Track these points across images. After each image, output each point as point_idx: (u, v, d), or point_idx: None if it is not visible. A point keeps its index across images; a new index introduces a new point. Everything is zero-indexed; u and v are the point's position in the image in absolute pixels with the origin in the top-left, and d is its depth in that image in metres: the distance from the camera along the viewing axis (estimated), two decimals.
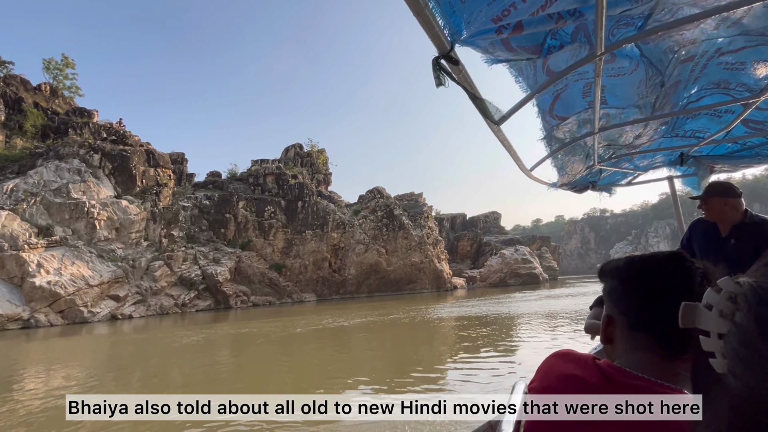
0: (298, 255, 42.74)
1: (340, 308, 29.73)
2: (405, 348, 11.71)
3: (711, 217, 2.57)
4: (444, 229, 73.98)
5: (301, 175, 47.65)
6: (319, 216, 43.77)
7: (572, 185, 3.58)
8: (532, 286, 48.50)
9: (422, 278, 46.58)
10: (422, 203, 51.23)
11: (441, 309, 23.38)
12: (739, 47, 1.72)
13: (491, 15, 1.18)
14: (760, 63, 1.81)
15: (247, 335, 16.33)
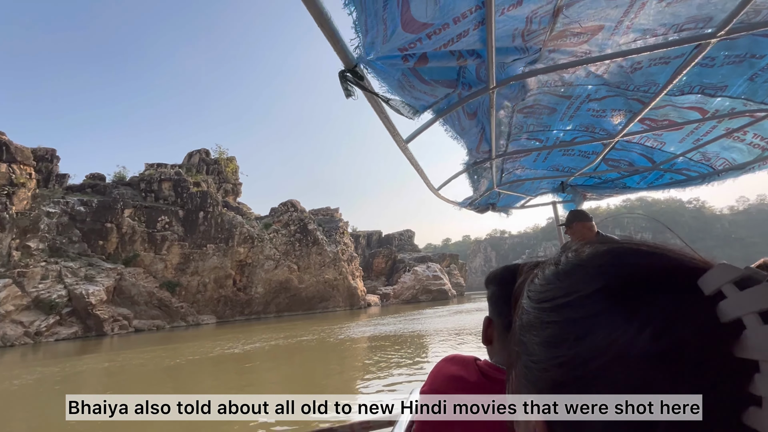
0: (196, 272, 38.13)
1: (244, 330, 26.83)
2: (312, 374, 10.42)
3: (576, 239, 3.10)
4: (360, 245, 73.71)
5: (205, 183, 43.26)
6: (224, 229, 39.89)
7: (475, 206, 3.95)
8: (442, 301, 50.32)
9: (336, 296, 45.12)
10: (338, 218, 50.24)
11: (354, 328, 22.38)
12: (602, 96, 2.14)
13: (398, 45, 1.24)
14: (615, 111, 2.28)
15: (113, 370, 13.31)
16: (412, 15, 1.15)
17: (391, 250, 70.92)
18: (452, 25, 1.26)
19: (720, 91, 1.99)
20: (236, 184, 51.50)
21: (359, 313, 37.64)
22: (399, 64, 1.38)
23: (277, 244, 42.42)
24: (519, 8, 1.34)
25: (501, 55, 1.58)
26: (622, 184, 3.78)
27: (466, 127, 2.16)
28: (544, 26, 1.54)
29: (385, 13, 1.11)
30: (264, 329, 26.82)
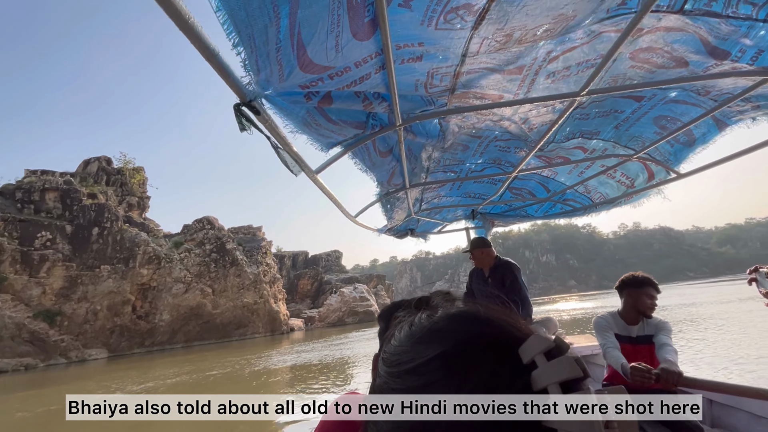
0: (85, 297, 32.56)
1: (141, 365, 23.17)
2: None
3: (477, 263, 3.61)
4: (285, 267, 70.34)
5: (104, 195, 37.85)
6: (124, 247, 34.94)
7: (395, 231, 4.13)
8: (369, 323, 49.64)
9: (255, 321, 41.85)
10: (260, 237, 47.34)
11: (274, 357, 20.57)
12: (507, 138, 2.48)
13: (299, 82, 1.22)
14: (518, 148, 2.62)
15: None
16: (310, 58, 1.13)
17: (317, 271, 68.73)
18: (354, 68, 1.26)
19: (595, 136, 2.48)
20: (143, 197, 45.97)
21: (281, 339, 35.22)
22: (302, 101, 1.37)
23: (188, 264, 38.30)
24: (419, 63, 1.42)
25: (407, 101, 1.72)
26: (524, 212, 4.40)
27: (377, 163, 2.27)
28: (446, 84, 1.66)
29: (279, 55, 1.08)
30: (168, 362, 23.47)
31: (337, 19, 1.05)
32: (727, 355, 9.82)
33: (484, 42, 1.42)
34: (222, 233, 41.88)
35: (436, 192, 3.44)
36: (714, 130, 2.26)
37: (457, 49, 1.43)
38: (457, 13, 1.21)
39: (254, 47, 1.02)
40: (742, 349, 10.33)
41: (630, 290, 2.46)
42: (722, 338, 12.40)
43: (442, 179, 3.06)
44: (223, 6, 0.88)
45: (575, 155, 2.76)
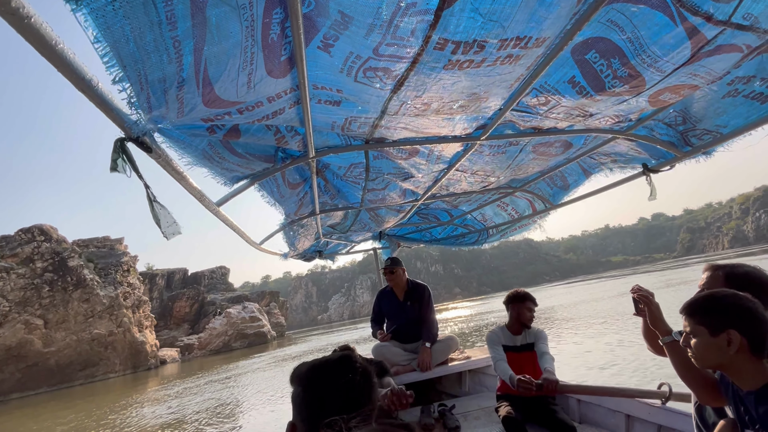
0: None
1: None
2: None
3: (394, 282, 3.81)
4: (157, 287, 59.54)
5: None
6: None
7: (302, 254, 4.19)
8: (260, 347, 44.27)
9: (110, 357, 33.17)
10: (121, 252, 38.43)
11: (121, 412, 15.33)
12: (417, 174, 2.50)
13: (199, 115, 1.13)
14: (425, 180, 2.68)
15: None
16: (218, 95, 1.04)
17: (198, 291, 59.78)
18: (266, 103, 1.21)
19: (492, 175, 2.60)
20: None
21: (146, 378, 28.23)
22: (204, 134, 1.28)
23: (6, 290, 28.44)
24: (336, 107, 1.40)
25: (321, 135, 1.73)
26: (429, 234, 4.72)
27: (286, 195, 2.24)
28: (364, 131, 1.65)
29: (181, 93, 0.97)
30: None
31: (250, 57, 0.97)
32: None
33: (403, 105, 1.43)
34: (63, 246, 32.52)
35: (345, 215, 3.43)
36: (582, 177, 2.88)
37: (377, 105, 1.42)
38: (376, 73, 1.18)
39: (145, 84, 0.89)
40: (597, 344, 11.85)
41: (514, 304, 2.82)
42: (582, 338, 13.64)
43: (350, 205, 3.01)
44: (104, 38, 0.74)
45: (474, 186, 2.91)
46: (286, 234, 3.17)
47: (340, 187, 2.60)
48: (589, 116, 1.67)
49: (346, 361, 0.75)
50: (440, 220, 4.14)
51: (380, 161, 2.22)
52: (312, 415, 0.70)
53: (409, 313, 3.69)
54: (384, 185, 2.60)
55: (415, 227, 4.52)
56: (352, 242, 4.62)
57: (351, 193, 2.70)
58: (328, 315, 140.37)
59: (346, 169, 2.29)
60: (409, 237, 4.77)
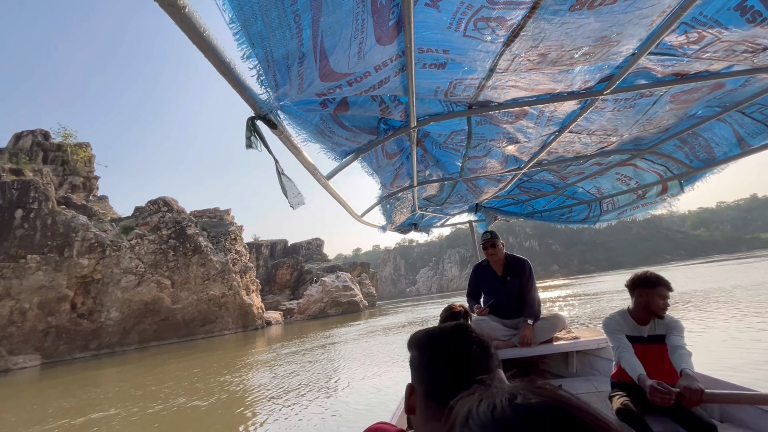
0: (7, 294, 26.83)
1: (83, 379, 18.07)
2: None
3: (492, 258, 3.60)
4: (263, 256, 65.40)
5: (37, 173, 31.66)
6: (58, 233, 29.15)
7: (398, 227, 4.18)
8: (353, 315, 45.38)
9: (224, 316, 36.80)
10: (229, 221, 41.91)
11: (244, 373, 15.94)
12: (524, 140, 2.32)
13: (316, 91, 1.21)
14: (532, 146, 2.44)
15: None
16: (332, 68, 1.11)
17: (297, 260, 64.02)
18: (373, 72, 1.25)
19: (615, 133, 2.25)
20: (90, 177, 39.76)
21: (254, 337, 30.42)
22: (317, 109, 1.35)
23: (141, 253, 32.77)
24: (442, 71, 1.35)
25: (424, 104, 1.68)
26: (530, 206, 4.38)
27: (383, 165, 2.23)
28: (468, 94, 1.58)
29: (302, 69, 1.05)
30: (121, 373, 18.51)
31: (361, 25, 1.00)
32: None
33: (515, 60, 1.32)
34: (182, 216, 36.35)
35: (442, 186, 3.21)
36: (735, 149, 2.28)
37: (485, 63, 1.33)
38: (488, 23, 1.12)
39: (272, 62, 0.97)
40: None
41: (642, 290, 2.37)
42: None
43: (448, 176, 2.84)
44: (237, 18, 0.81)
45: (589, 148, 2.53)
46: (383, 207, 3.17)
47: (439, 157, 2.51)
48: (761, 51, 1.37)
49: (462, 329, 0.77)
50: (543, 192, 3.81)
51: (483, 127, 2.07)
52: (429, 378, 0.73)
53: (509, 289, 3.52)
54: (485, 152, 2.40)
55: (514, 199, 4.24)
56: (447, 215, 4.48)
57: (450, 162, 2.58)
58: (416, 288, 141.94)
59: (447, 136, 2.19)
60: (507, 210, 4.54)
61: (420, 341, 0.80)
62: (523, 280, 3.48)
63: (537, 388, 0.34)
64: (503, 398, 0.34)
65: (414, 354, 0.80)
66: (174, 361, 19.68)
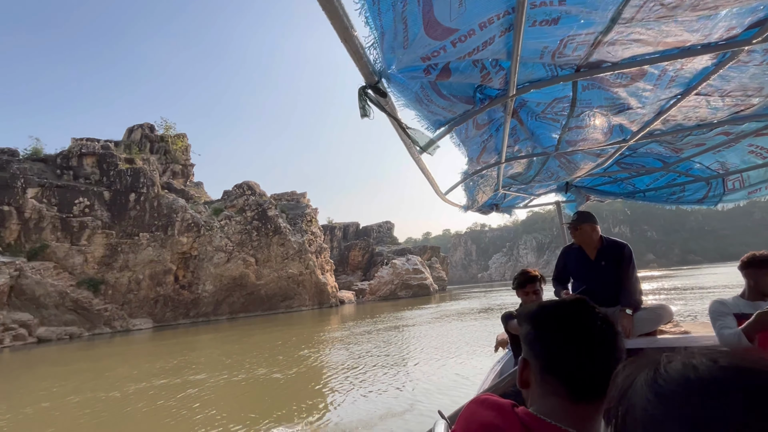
0: (126, 266, 31.24)
1: (181, 342, 20.51)
2: None
3: (581, 241, 3.17)
4: (336, 238, 68.08)
5: (146, 162, 36.10)
6: (162, 214, 33.03)
7: (479, 208, 3.89)
8: (423, 298, 45.11)
9: (301, 293, 39.00)
10: (305, 204, 43.91)
11: (329, 347, 16.55)
12: (636, 106, 2.06)
13: (421, 54, 1.21)
14: (644, 112, 2.15)
15: None
16: (435, 16, 1.09)
17: (368, 243, 65.41)
18: (478, 31, 1.20)
19: (756, 95, 1.88)
20: (186, 164, 44.38)
21: (329, 314, 31.76)
22: (420, 76, 1.35)
23: (229, 232, 35.84)
24: (554, 27, 1.27)
25: (526, 68, 1.57)
26: (631, 185, 3.85)
27: (471, 136, 2.12)
28: (579, 54, 1.45)
29: (405, 9, 1.05)
30: (214, 339, 20.63)
31: None
32: None
33: (644, 5, 1.15)
34: (263, 199, 38.89)
35: (530, 163, 2.95)
36: None
37: (607, 12, 1.19)
38: None
39: (380, 12, 1.01)
40: None
41: (750, 270, 2.30)
42: None
43: (543, 150, 2.54)
44: None
45: (720, 113, 2.07)
46: (466, 185, 3.05)
47: (534, 129, 2.26)
48: None
49: (583, 303, 0.76)
50: (649, 168, 3.31)
51: (591, 92, 1.86)
52: (547, 353, 0.74)
53: (603, 275, 3.12)
54: (589, 121, 2.12)
55: (611, 177, 3.75)
56: (532, 195, 4.15)
57: (545, 134, 2.30)
58: (488, 273, 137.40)
59: (546, 105, 1.96)
60: (603, 189, 4.02)
61: (535, 315, 0.78)
62: (623, 265, 3.11)
63: (729, 355, 0.33)
64: (702, 360, 0.33)
65: (527, 328, 0.79)
66: (258, 333, 21.19)
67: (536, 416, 0.71)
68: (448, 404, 6.49)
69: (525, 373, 0.78)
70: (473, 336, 12.87)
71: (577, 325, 0.72)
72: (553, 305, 0.78)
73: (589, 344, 0.70)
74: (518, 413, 0.73)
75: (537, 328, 0.77)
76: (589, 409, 0.69)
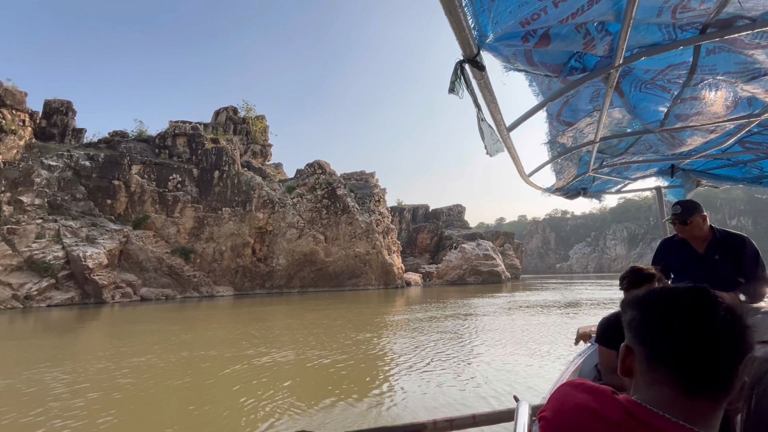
0: (211, 238, 34.08)
1: (259, 309, 21.77)
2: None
3: (691, 234, 2.63)
4: (405, 220, 67.73)
5: (229, 141, 38.73)
6: (241, 191, 35.21)
7: (565, 191, 3.63)
8: (494, 285, 42.66)
9: (368, 272, 39.28)
10: (373, 184, 43.75)
11: (390, 332, 16.09)
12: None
13: (520, 18, 1.15)
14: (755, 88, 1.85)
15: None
16: None
17: (437, 225, 63.90)
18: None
19: None
20: (265, 145, 46.82)
21: (395, 296, 31.45)
22: (517, 44, 1.26)
23: (301, 210, 37.11)
24: None
25: (636, 32, 1.33)
26: (758, 169, 3.22)
27: (552, 88, 1.79)
28: (707, 7, 1.22)
29: None
30: (287, 310, 21.60)
31: None
32: None
33: None
34: (333, 178, 39.49)
35: (627, 142, 2.58)
36: None
37: None
38: None
39: None
40: None
41: None
42: None
43: (646, 126, 2.18)
44: None
45: None
46: (553, 165, 2.83)
47: (636, 102, 1.89)
48: None
49: (702, 290, 0.70)
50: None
51: (718, 56, 1.57)
52: (655, 341, 0.70)
53: (714, 270, 2.50)
54: (710, 90, 1.73)
55: (730, 159, 3.12)
56: (627, 179, 3.64)
57: (649, 108, 1.92)
58: (568, 264, 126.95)
59: (657, 73, 1.65)
60: (718, 173, 3.34)
61: (645, 300, 0.74)
62: (744, 260, 2.46)
63: None
64: None
65: (633, 314, 0.74)
66: (325, 308, 21.51)
67: (641, 404, 0.67)
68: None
69: (628, 361, 0.72)
70: (556, 337, 11.12)
71: (694, 313, 0.66)
72: (668, 290, 0.72)
73: (709, 336, 0.64)
74: (620, 400, 0.69)
75: (645, 313, 0.71)
76: (706, 404, 0.64)
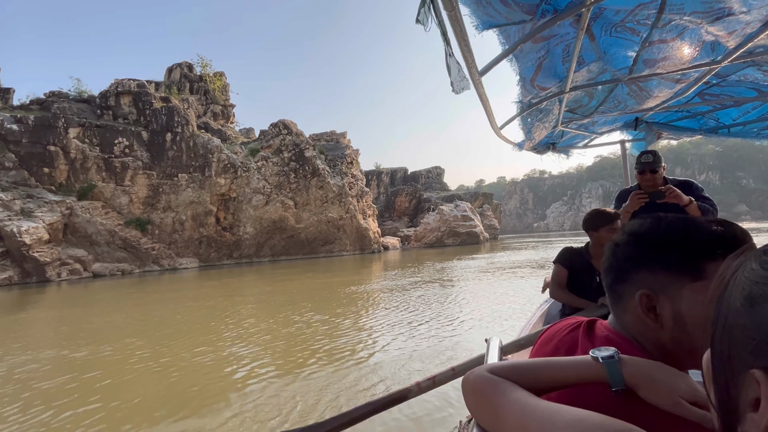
0: (169, 207, 31.45)
1: (229, 280, 19.93)
2: None
3: (654, 182, 2.67)
4: (383, 183, 65.88)
5: (183, 101, 35.05)
6: (198, 155, 32.24)
7: (535, 147, 3.62)
8: (472, 246, 42.03)
9: (342, 238, 37.70)
10: (345, 144, 41.21)
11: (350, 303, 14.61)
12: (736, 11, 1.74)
13: None
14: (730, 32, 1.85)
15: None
16: None
17: (416, 188, 62.40)
18: None
19: None
20: (226, 105, 43.05)
21: (371, 261, 30.13)
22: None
23: (267, 174, 34.57)
24: None
25: None
26: (714, 120, 3.26)
27: (525, 50, 1.78)
28: None
29: None
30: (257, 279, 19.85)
31: None
32: None
33: None
34: (300, 139, 36.74)
35: (592, 91, 2.50)
36: None
37: None
38: None
39: None
40: None
41: None
42: None
43: (615, 74, 2.11)
44: None
45: None
46: (522, 120, 2.74)
47: (606, 47, 1.86)
48: None
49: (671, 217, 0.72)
50: (738, 99, 2.65)
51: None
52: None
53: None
54: (677, 33, 1.72)
55: (690, 111, 3.14)
56: (594, 133, 3.65)
57: (619, 53, 1.90)
58: (545, 223, 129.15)
59: (628, 13, 1.61)
60: (678, 125, 3.40)
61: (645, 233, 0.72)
62: (698, 200, 2.50)
63: None
64: None
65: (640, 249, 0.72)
66: (298, 278, 19.93)
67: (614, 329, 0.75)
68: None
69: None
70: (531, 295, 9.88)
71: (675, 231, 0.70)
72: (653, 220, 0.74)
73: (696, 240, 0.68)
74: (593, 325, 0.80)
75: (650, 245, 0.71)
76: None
